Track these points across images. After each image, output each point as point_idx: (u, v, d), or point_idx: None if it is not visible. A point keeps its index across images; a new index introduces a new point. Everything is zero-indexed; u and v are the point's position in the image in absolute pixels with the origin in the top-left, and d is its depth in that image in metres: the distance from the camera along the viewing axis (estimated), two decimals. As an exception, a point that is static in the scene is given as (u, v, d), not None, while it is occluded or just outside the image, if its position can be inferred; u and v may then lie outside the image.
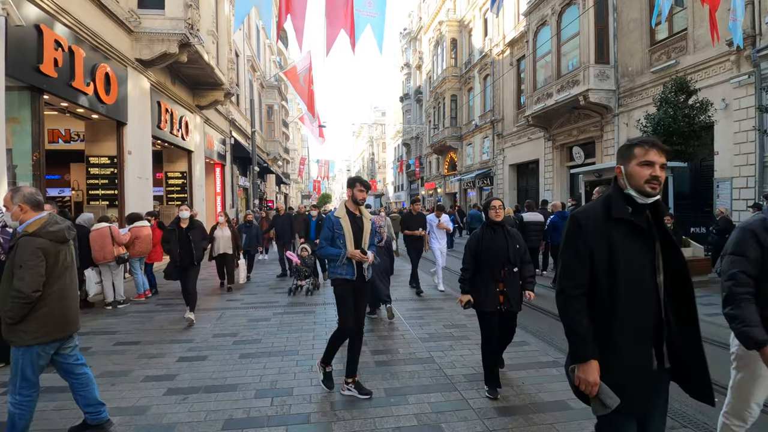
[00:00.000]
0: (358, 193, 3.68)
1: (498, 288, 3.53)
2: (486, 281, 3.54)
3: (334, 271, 3.57)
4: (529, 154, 20.56)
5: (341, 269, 3.53)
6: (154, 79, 10.82)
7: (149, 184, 10.73)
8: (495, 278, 3.52)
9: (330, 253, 3.57)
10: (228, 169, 18.89)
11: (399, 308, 6.34)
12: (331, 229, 3.60)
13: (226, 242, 8.19)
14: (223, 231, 8.27)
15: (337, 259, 3.52)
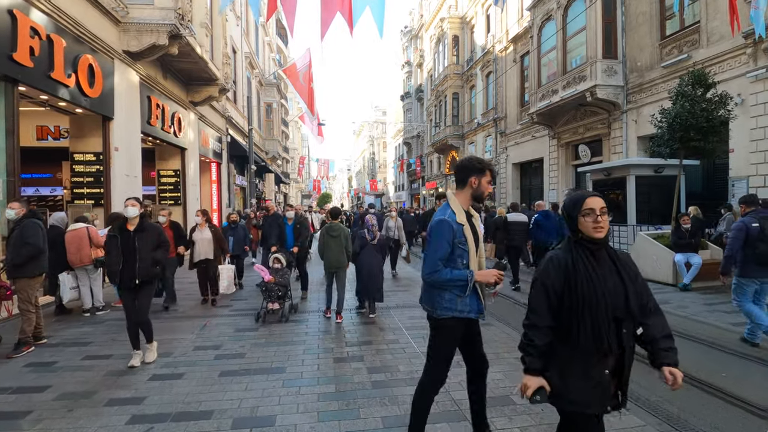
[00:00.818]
0: (487, 186, 2.54)
1: (608, 368, 1.91)
2: (584, 355, 1.89)
3: (449, 306, 2.46)
4: (533, 153, 20.06)
5: (461, 303, 2.43)
6: (143, 72, 10.34)
7: (138, 183, 10.26)
8: (602, 348, 1.86)
9: (452, 279, 2.38)
10: (224, 167, 18.42)
11: (400, 316, 5.86)
12: (450, 243, 2.41)
13: (206, 246, 7.00)
14: (203, 233, 7.08)
15: (460, 288, 2.41)
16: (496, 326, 5.42)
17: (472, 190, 2.54)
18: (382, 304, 6.62)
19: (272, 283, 5.82)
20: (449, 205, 2.54)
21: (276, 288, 5.83)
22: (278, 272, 6.05)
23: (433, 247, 2.44)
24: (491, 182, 2.57)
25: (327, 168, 49.21)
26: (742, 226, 4.67)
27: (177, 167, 13.38)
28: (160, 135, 11.57)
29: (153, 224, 4.50)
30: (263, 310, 5.83)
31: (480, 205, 4.95)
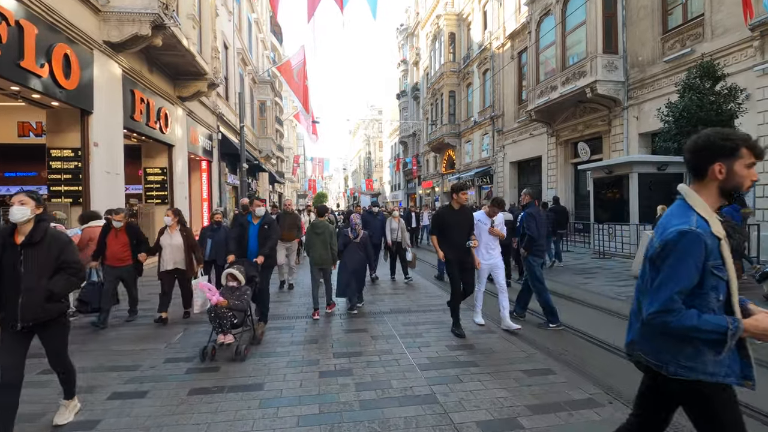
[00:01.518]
0: (747, 172, 1.68)
1: None
2: None
3: (704, 368, 1.63)
4: (531, 151, 19.69)
5: (717, 365, 1.62)
6: (126, 65, 9.86)
7: (120, 180, 9.79)
8: None
9: (699, 329, 1.56)
10: (215, 165, 17.94)
11: (394, 322, 5.44)
12: (700, 268, 1.60)
13: (176, 253, 5.79)
14: (173, 237, 5.81)
15: (712, 343, 1.60)
16: (497, 333, 5.00)
17: (718, 182, 1.68)
18: (375, 309, 6.20)
19: (223, 308, 4.27)
20: (692, 206, 1.69)
21: (230, 314, 4.27)
22: (233, 292, 4.47)
23: (669, 274, 1.61)
24: (753, 164, 1.68)
25: (322, 167, 48.67)
26: None
27: (164, 165, 12.90)
28: (145, 131, 11.09)
29: (57, 233, 2.89)
30: (211, 345, 4.25)
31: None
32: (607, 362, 4.21)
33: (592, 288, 7.79)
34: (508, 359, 4.08)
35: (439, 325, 5.25)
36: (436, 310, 6.12)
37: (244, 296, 4.49)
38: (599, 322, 5.62)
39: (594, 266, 10.50)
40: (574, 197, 17.31)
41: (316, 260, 5.92)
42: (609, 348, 4.58)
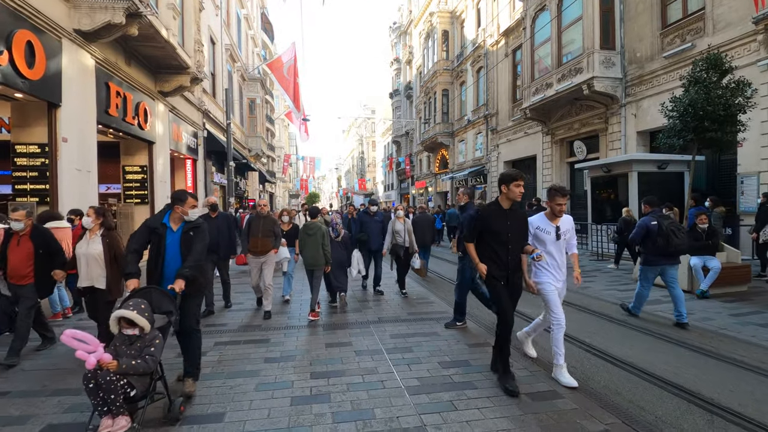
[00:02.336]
0: None
1: None
2: None
3: None
4: (526, 150, 19.30)
5: None
6: (100, 55, 9.28)
7: (92, 179, 9.19)
8: None
9: None
10: (201, 164, 17.34)
11: (381, 334, 4.94)
12: None
13: (93, 266, 4.30)
14: (90, 244, 4.35)
15: None
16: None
17: None
18: (361, 317, 5.70)
19: (108, 373, 2.69)
20: None
21: (122, 383, 2.72)
22: (131, 345, 2.92)
23: None
24: None
25: (313, 166, 48.02)
26: (644, 225, 5.70)
27: (144, 163, 12.30)
28: (122, 126, 10.50)
29: None
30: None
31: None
32: (614, 378, 3.76)
33: (592, 292, 7.37)
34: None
35: (431, 338, 4.77)
36: (427, 318, 5.64)
37: (151, 349, 2.88)
38: (603, 332, 5.17)
39: (592, 269, 10.10)
40: (570, 197, 16.91)
41: (309, 261, 5.99)
42: (614, 361, 4.13)
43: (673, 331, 5.12)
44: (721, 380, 3.66)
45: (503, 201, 3.68)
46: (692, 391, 3.45)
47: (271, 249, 6.12)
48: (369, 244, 7.61)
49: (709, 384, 3.58)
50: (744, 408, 3.15)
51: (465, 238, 3.82)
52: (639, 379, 3.74)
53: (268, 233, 6.06)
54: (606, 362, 4.19)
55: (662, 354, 4.35)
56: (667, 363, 4.08)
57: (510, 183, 3.62)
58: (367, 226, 7.68)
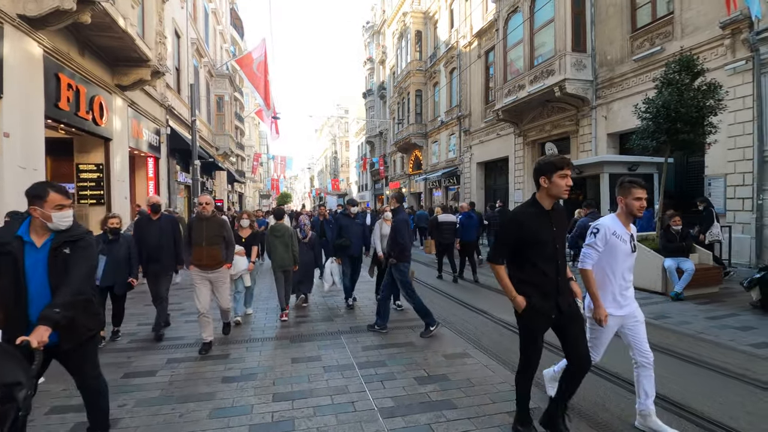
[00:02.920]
0: None
1: None
2: None
3: None
4: (498, 151, 19.34)
5: None
6: (49, 44, 8.55)
7: (39, 177, 8.43)
8: None
9: None
10: (164, 162, 16.51)
11: (352, 346, 4.60)
12: None
13: None
14: None
15: None
16: (472, 355, 4.26)
17: None
18: (332, 327, 5.35)
19: None
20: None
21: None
22: None
23: None
24: None
25: (284, 165, 47.08)
26: (583, 226, 6.10)
27: (100, 161, 11.53)
28: (74, 121, 9.76)
29: None
30: None
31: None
32: (600, 390, 3.55)
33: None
34: (490, 395, 3.34)
35: (405, 349, 4.46)
36: (402, 327, 5.34)
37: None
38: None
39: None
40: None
41: (279, 262, 5.96)
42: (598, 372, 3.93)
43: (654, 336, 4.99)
44: (708, 391, 3.51)
45: (543, 199, 2.64)
46: (681, 404, 3.27)
47: (221, 261, 4.71)
48: (351, 250, 6.73)
49: (698, 395, 3.42)
50: (736, 422, 2.98)
51: (491, 259, 2.71)
52: (625, 392, 3.54)
53: (215, 240, 4.65)
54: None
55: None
56: (651, 372, 3.91)
57: (552, 174, 2.55)
58: (348, 230, 6.77)
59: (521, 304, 2.61)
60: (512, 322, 5.55)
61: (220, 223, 4.70)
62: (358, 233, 6.88)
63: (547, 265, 2.62)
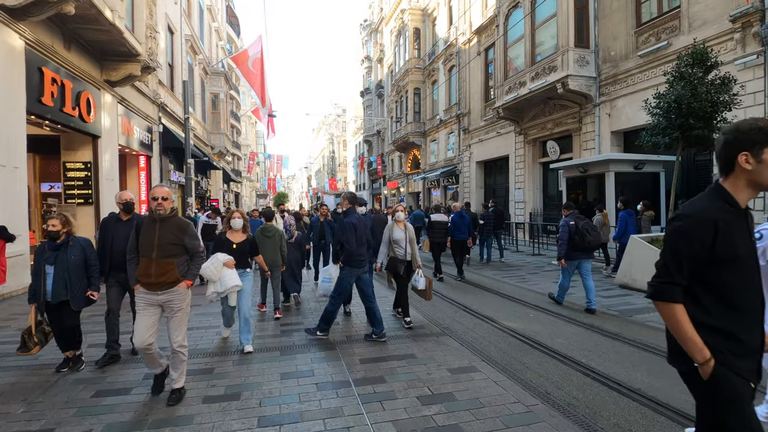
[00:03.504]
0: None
1: None
2: None
3: None
4: (498, 150, 18.99)
5: None
6: (30, 36, 8.17)
7: (20, 176, 8.07)
8: None
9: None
10: (156, 161, 16.10)
11: (348, 358, 4.23)
12: None
13: None
14: None
15: None
16: (481, 371, 3.90)
17: None
18: (326, 336, 4.97)
19: None
20: None
21: None
22: None
23: None
24: None
25: (280, 165, 46.59)
26: (565, 225, 6.37)
27: (88, 159, 11.13)
28: (59, 118, 9.36)
29: None
30: None
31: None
32: (623, 411, 3.19)
33: (576, 299, 6.89)
34: (502, 418, 2.98)
35: (406, 361, 4.10)
36: (402, 336, 4.97)
37: None
38: (599, 350, 4.64)
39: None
40: (543, 197, 16.71)
41: (268, 262, 5.88)
42: (613, 386, 3.58)
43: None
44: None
45: (740, 190, 1.68)
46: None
47: (177, 278, 3.40)
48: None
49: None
50: None
51: (660, 293, 1.67)
52: (652, 412, 3.19)
53: (170, 249, 3.39)
54: (610, 390, 3.63)
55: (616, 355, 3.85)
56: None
57: (765, 147, 1.60)
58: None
59: (709, 367, 1.60)
60: (521, 330, 5.19)
61: (180, 226, 3.45)
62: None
63: (746, 297, 1.65)
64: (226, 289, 4.37)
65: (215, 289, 4.39)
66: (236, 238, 4.83)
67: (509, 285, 8.44)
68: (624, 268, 7.66)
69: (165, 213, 3.38)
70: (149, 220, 3.43)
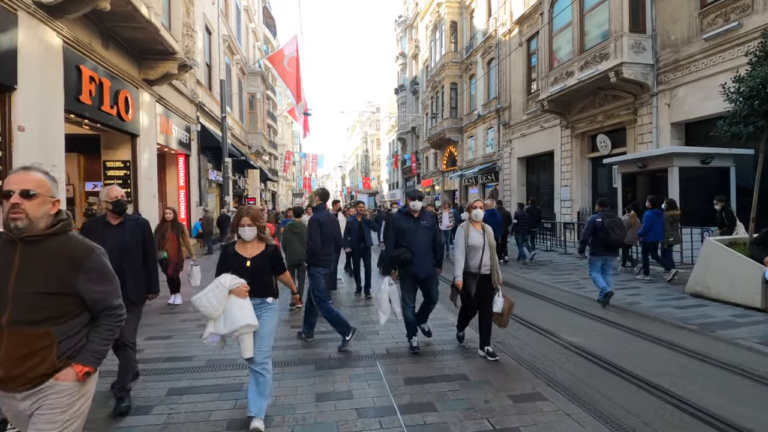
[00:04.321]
0: None
1: None
2: None
3: None
4: (542, 145, 18.00)
5: None
6: (68, 34, 8.13)
7: (59, 173, 8.02)
8: None
9: None
10: (194, 160, 16.20)
11: (391, 377, 3.73)
12: None
13: None
14: None
15: None
16: (550, 400, 3.31)
17: None
18: (365, 348, 4.50)
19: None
20: None
21: None
22: None
23: None
24: None
25: (315, 163, 46.78)
26: (591, 221, 6.50)
27: (126, 157, 11.17)
28: (98, 116, 9.36)
29: None
30: None
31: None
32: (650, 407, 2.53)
33: (644, 309, 6.11)
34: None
35: (459, 384, 3.55)
36: (449, 351, 4.42)
37: None
38: (687, 375, 3.93)
39: (627, 277, 8.83)
40: (592, 195, 15.64)
41: (293, 257, 6.21)
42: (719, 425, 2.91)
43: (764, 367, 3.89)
44: None
45: None
46: None
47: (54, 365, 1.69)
48: (414, 268, 4.42)
49: None
50: None
51: None
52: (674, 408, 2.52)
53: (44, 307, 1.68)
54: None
55: None
56: None
57: None
58: (409, 236, 4.44)
59: None
60: (588, 346, 4.54)
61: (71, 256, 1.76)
62: (425, 243, 4.51)
63: None
64: (233, 329, 2.88)
65: (216, 329, 2.92)
66: (250, 251, 3.14)
67: (563, 291, 7.70)
68: (697, 274, 6.77)
69: (29, 227, 1.68)
70: (3, 243, 1.73)
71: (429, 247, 4.53)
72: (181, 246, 7.10)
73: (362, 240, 7.87)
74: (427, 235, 4.53)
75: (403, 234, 4.45)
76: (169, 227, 7.14)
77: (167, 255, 6.90)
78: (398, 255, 4.36)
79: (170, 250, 6.97)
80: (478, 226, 4.46)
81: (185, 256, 7.22)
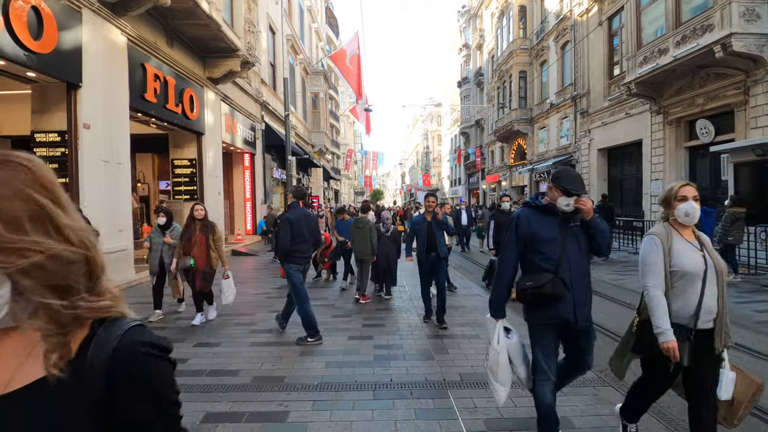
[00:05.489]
0: None
1: None
2: None
3: None
4: (627, 135, 16.13)
5: None
6: (132, 32, 8.17)
7: (124, 172, 8.09)
8: None
9: None
10: (259, 158, 16.33)
11: (470, 418, 2.97)
12: None
13: None
14: None
15: None
16: None
17: None
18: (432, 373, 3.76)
19: None
20: None
21: None
22: None
23: None
24: None
25: (376, 161, 46.57)
26: None
27: (193, 156, 11.29)
28: (163, 114, 9.43)
29: None
30: None
31: None
32: None
33: None
34: None
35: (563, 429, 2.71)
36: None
37: None
38: None
39: (754, 287, 7.31)
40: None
41: (359, 252, 6.71)
42: None
43: None
44: None
45: None
46: None
47: None
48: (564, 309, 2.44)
49: None
50: None
51: None
52: None
53: None
54: None
55: None
56: None
57: None
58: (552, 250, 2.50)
59: None
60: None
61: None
62: (582, 264, 2.54)
63: None
64: None
65: None
66: None
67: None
68: None
69: None
70: None
71: (587, 272, 2.56)
72: (211, 251, 5.48)
73: (433, 248, 5.50)
74: (582, 249, 2.54)
75: (538, 245, 2.50)
76: (198, 228, 5.51)
77: (194, 263, 5.44)
78: (540, 286, 2.39)
79: (198, 256, 5.42)
80: (691, 234, 2.40)
81: (216, 265, 5.58)
